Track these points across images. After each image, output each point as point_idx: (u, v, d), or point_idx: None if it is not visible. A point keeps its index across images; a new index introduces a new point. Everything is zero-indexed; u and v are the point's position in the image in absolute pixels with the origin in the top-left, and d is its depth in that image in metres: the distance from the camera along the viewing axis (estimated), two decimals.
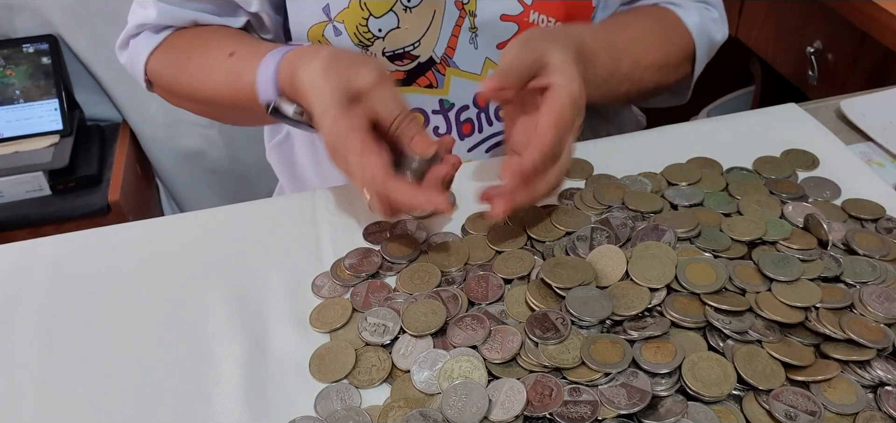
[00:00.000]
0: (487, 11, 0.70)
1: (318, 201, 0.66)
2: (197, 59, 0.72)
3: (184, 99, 0.77)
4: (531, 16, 0.70)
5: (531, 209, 0.62)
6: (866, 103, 0.74)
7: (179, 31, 0.75)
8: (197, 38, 0.74)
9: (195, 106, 0.77)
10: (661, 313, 0.50)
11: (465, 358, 0.49)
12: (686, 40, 0.77)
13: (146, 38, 0.76)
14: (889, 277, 0.52)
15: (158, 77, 0.76)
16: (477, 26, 0.71)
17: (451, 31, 0.71)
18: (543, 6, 0.70)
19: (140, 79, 0.77)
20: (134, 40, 0.77)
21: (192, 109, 0.79)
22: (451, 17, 0.70)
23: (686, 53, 0.77)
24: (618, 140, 0.72)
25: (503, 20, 0.71)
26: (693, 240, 0.57)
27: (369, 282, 0.56)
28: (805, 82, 1.27)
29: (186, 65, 0.73)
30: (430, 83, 0.73)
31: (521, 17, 0.71)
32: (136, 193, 1.50)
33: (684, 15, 0.77)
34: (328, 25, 0.69)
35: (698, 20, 0.77)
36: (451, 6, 0.70)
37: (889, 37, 1.04)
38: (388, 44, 0.70)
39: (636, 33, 0.73)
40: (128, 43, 0.78)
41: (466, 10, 0.70)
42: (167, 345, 0.53)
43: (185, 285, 0.58)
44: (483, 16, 0.70)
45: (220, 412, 0.48)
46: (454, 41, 0.72)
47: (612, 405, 0.45)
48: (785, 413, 0.44)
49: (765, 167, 0.66)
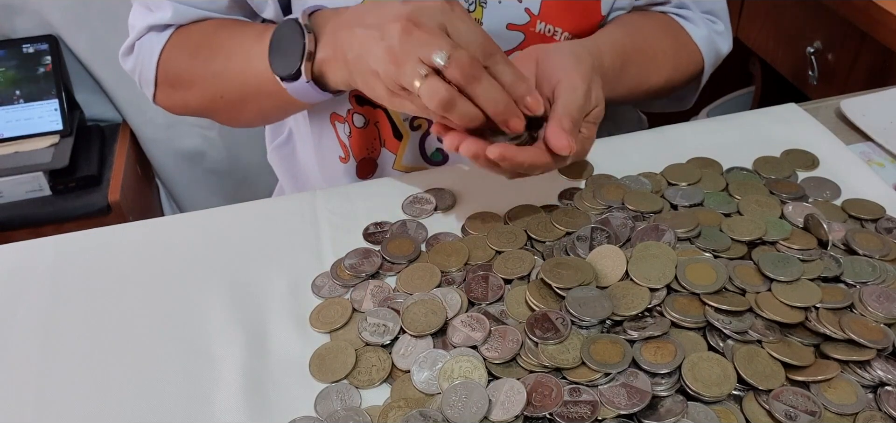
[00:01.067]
0: (493, 20, 0.69)
1: (318, 201, 0.66)
2: (215, 42, 0.70)
3: (195, 90, 0.73)
4: (538, 25, 0.70)
5: (531, 210, 0.62)
6: (866, 103, 0.74)
7: (191, 25, 0.73)
8: (212, 26, 0.72)
9: (205, 96, 0.73)
10: (661, 314, 0.50)
11: (465, 358, 0.49)
12: (694, 54, 0.77)
13: (155, 36, 0.74)
14: (889, 277, 0.52)
15: (169, 70, 0.73)
16: None
17: None
18: (550, 16, 0.70)
19: (149, 81, 0.75)
20: (140, 42, 0.75)
21: (199, 104, 0.75)
22: None
23: (694, 67, 0.78)
24: (618, 140, 0.72)
25: (509, 29, 0.70)
26: (693, 240, 0.57)
27: (369, 282, 0.56)
28: (805, 82, 1.27)
29: (200, 51, 0.71)
30: None
31: (528, 27, 0.70)
32: (136, 194, 1.50)
33: (693, 29, 0.77)
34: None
35: (706, 34, 0.77)
36: None
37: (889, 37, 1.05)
38: None
39: (648, 42, 0.73)
40: (133, 47, 0.76)
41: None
42: (167, 345, 0.53)
43: (185, 285, 0.58)
44: (489, 24, 0.70)
45: (220, 412, 0.48)
46: None
47: (612, 406, 0.45)
48: (785, 413, 0.44)
49: (765, 167, 0.66)
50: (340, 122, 0.75)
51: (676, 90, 0.80)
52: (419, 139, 0.75)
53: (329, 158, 0.78)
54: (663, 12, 0.78)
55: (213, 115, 0.77)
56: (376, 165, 0.77)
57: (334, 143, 0.77)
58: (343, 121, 0.75)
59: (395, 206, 0.64)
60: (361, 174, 0.77)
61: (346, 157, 0.76)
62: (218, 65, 0.70)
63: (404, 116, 0.73)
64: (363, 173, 0.77)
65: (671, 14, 0.78)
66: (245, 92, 0.69)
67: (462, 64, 0.50)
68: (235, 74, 0.69)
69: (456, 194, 0.65)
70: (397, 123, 0.74)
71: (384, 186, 0.68)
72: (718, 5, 0.79)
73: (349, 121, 0.74)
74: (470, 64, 0.50)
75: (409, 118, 0.74)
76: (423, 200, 0.64)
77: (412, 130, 0.74)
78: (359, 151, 0.76)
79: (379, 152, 0.76)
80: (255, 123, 0.78)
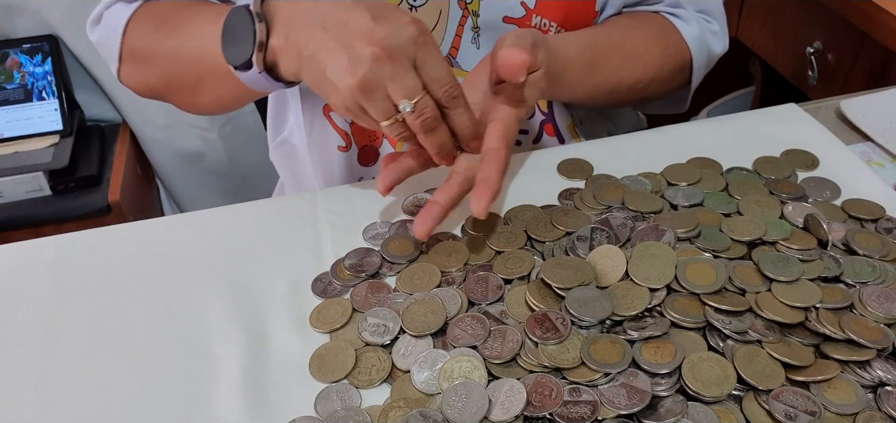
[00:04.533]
0: (490, 13, 0.70)
1: (318, 201, 0.66)
2: (177, 18, 0.67)
3: (154, 67, 0.70)
4: (534, 20, 0.71)
5: (531, 210, 0.62)
6: (866, 103, 0.74)
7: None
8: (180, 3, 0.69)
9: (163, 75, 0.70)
10: (661, 314, 0.50)
11: (465, 358, 0.49)
12: (682, 51, 0.76)
13: (123, 7, 0.71)
14: (889, 277, 0.53)
15: (133, 43, 0.70)
16: (480, 26, 0.71)
17: (454, 31, 0.71)
18: (545, 10, 0.70)
19: (114, 54, 0.71)
20: (108, 12, 0.72)
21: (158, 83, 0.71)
22: (455, 17, 0.70)
23: (681, 64, 0.77)
24: (618, 140, 0.72)
25: (505, 22, 0.71)
26: (693, 240, 0.57)
27: (369, 282, 0.56)
28: (805, 82, 1.27)
29: (162, 26, 0.67)
30: None
31: (523, 21, 0.71)
32: (136, 194, 1.50)
33: (683, 27, 0.76)
34: None
35: (698, 32, 0.76)
36: (454, 6, 0.70)
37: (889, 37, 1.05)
38: None
39: (628, 38, 0.73)
40: (101, 18, 0.72)
41: (470, 10, 0.70)
42: (167, 345, 0.53)
43: (185, 285, 0.58)
44: (486, 17, 0.70)
45: (220, 412, 0.48)
46: (458, 41, 0.72)
47: (612, 406, 0.45)
48: (785, 413, 0.44)
49: (765, 167, 0.66)
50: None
51: (668, 89, 0.79)
52: None
53: (325, 150, 0.77)
54: (655, 11, 0.78)
55: (172, 97, 0.74)
56: (378, 153, 0.77)
57: (331, 133, 0.77)
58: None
59: (395, 206, 0.64)
60: (363, 162, 0.77)
61: (346, 145, 0.76)
62: (176, 43, 0.67)
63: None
64: (365, 161, 0.77)
65: (664, 13, 0.78)
66: (201, 75, 0.67)
67: (425, 118, 0.54)
68: (191, 55, 0.66)
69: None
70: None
71: None
72: (713, 4, 0.79)
73: None
74: (431, 119, 0.54)
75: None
76: (423, 201, 0.64)
77: None
78: (361, 138, 0.76)
79: (381, 141, 0.76)
80: (212, 110, 0.75)
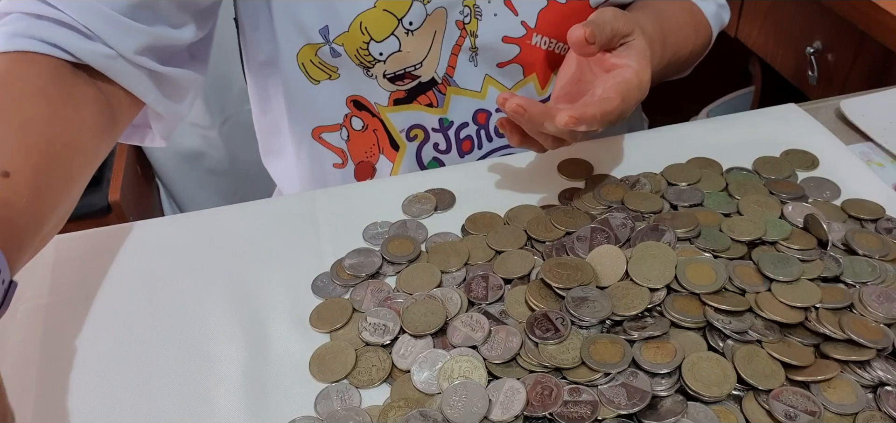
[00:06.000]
0: (489, 33, 0.69)
1: (318, 201, 0.66)
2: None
3: None
4: (534, 38, 0.70)
5: (531, 210, 0.62)
6: (866, 103, 0.74)
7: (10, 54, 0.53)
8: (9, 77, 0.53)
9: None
10: (661, 314, 0.50)
11: (465, 358, 0.49)
12: (706, 26, 0.79)
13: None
14: (889, 277, 0.52)
15: None
16: (477, 47, 0.70)
17: (450, 50, 0.70)
18: (547, 28, 0.70)
19: None
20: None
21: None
22: (452, 37, 0.69)
23: (705, 40, 0.80)
24: (618, 140, 0.72)
25: (505, 42, 0.70)
26: (693, 240, 0.57)
27: (369, 282, 0.56)
28: (805, 82, 1.27)
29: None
30: (430, 102, 0.72)
31: (524, 40, 0.70)
32: (136, 193, 1.50)
33: (703, 5, 0.79)
34: (325, 47, 0.68)
35: (715, 10, 0.79)
36: (451, 26, 0.69)
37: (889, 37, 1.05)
38: (390, 66, 0.69)
39: (674, 15, 0.75)
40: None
41: (467, 31, 0.69)
42: (167, 345, 0.53)
43: (185, 284, 0.58)
44: (484, 38, 0.70)
45: (220, 412, 0.48)
46: (454, 60, 0.71)
47: (612, 405, 0.45)
48: (785, 413, 0.44)
49: (765, 167, 0.66)
50: (332, 131, 0.75)
51: (693, 64, 0.82)
52: (416, 150, 0.75)
53: (319, 168, 0.77)
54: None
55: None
56: (375, 170, 0.77)
57: (324, 154, 0.76)
58: (336, 129, 0.74)
59: (395, 206, 0.64)
60: (360, 178, 0.77)
61: (342, 162, 0.76)
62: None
63: (401, 128, 0.73)
64: (361, 177, 0.77)
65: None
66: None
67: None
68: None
69: (456, 194, 0.65)
70: (393, 135, 0.74)
71: (384, 185, 0.68)
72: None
73: (346, 125, 0.74)
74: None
75: (406, 129, 0.73)
76: (423, 200, 0.64)
77: (408, 141, 0.74)
78: (357, 154, 0.76)
79: (378, 157, 0.76)
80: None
